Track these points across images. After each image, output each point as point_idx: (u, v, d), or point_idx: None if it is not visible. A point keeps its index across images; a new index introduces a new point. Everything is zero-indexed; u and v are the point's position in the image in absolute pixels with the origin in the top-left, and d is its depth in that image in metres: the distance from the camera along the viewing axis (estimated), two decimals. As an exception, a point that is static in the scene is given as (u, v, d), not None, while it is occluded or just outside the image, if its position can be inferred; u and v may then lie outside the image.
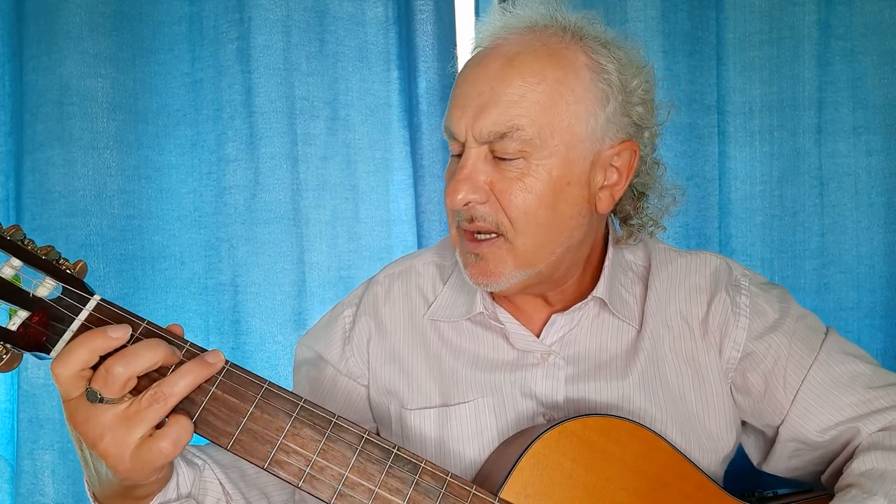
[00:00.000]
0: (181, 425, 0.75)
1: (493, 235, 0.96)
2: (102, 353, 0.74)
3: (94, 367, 0.74)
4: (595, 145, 0.96)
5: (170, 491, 0.83)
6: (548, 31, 0.96)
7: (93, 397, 0.72)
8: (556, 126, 0.93)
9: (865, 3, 1.75)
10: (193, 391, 0.77)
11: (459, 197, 0.94)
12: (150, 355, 0.74)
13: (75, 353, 0.72)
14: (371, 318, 1.12)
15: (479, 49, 0.99)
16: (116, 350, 0.74)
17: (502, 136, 0.92)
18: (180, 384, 0.74)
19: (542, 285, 1.03)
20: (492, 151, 0.94)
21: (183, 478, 0.87)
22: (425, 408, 1.06)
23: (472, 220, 0.96)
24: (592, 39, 0.97)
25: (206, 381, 0.78)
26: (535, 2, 1.00)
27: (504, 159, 0.94)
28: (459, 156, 0.97)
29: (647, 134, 1.02)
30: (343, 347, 1.12)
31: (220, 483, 0.93)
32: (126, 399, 0.74)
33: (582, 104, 0.94)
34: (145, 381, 0.75)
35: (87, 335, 0.73)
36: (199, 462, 0.93)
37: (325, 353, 1.13)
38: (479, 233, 0.97)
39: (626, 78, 0.97)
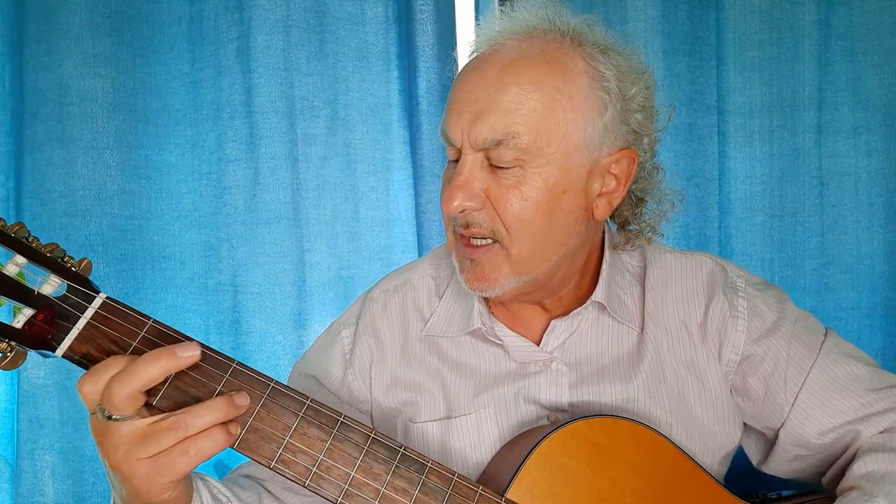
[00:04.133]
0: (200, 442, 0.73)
1: (489, 241, 0.95)
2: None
3: None
4: (592, 153, 0.94)
5: None
6: (546, 36, 0.94)
7: (102, 414, 0.72)
8: (552, 134, 0.91)
9: (865, 3, 1.76)
10: (199, 390, 0.77)
11: (455, 204, 0.92)
12: (152, 370, 0.71)
13: (105, 373, 0.72)
14: (371, 336, 1.10)
15: (476, 53, 0.97)
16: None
17: (498, 143, 0.90)
18: (205, 418, 0.72)
19: (539, 292, 1.02)
20: (487, 158, 0.93)
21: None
22: (429, 421, 1.05)
23: (467, 227, 0.95)
24: (591, 45, 0.95)
25: (211, 381, 0.77)
26: (535, 5, 0.98)
27: (500, 167, 0.92)
28: (456, 161, 0.96)
29: (646, 141, 1.00)
30: (345, 371, 1.09)
31: None
32: (143, 414, 0.73)
33: (579, 112, 0.92)
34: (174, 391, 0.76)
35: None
36: (224, 500, 0.92)
37: (325, 379, 1.10)
38: (473, 238, 0.96)
39: (624, 85, 0.95)
